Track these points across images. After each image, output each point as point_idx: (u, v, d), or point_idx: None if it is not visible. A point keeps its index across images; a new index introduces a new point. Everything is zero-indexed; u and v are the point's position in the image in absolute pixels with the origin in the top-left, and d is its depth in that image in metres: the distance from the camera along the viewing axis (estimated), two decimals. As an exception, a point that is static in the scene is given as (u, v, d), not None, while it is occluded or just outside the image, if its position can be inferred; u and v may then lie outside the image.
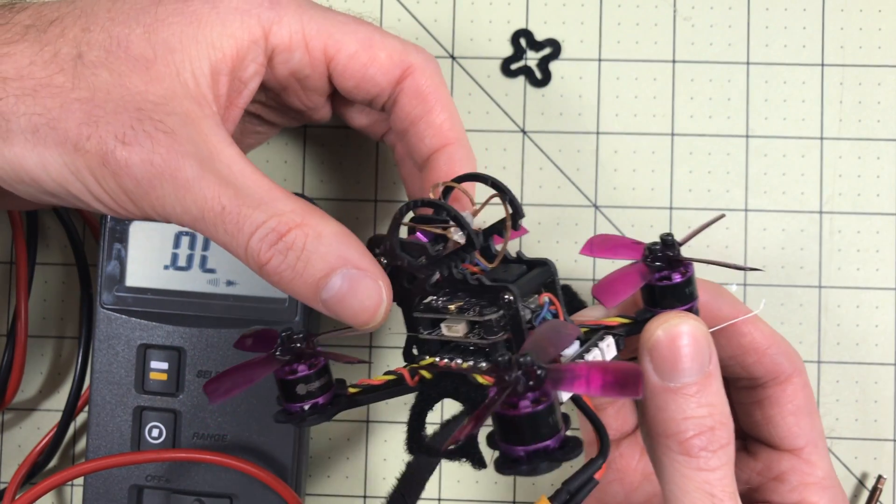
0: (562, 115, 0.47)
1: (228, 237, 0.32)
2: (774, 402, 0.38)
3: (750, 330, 0.37)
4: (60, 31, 0.34)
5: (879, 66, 0.47)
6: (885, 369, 0.46)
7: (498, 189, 0.34)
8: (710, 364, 0.32)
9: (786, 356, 0.37)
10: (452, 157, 0.38)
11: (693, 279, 0.34)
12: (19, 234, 0.45)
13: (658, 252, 0.33)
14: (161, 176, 0.32)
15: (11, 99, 0.32)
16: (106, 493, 0.41)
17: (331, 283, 0.32)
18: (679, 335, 0.32)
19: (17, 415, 0.48)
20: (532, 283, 0.33)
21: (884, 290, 0.46)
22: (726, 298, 0.37)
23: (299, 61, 0.37)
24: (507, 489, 0.47)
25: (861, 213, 0.46)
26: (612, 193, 0.47)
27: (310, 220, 0.32)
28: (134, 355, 0.41)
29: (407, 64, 0.38)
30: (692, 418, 0.32)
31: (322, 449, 0.47)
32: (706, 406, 0.32)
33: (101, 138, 0.32)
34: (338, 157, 0.47)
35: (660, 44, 0.47)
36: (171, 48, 0.34)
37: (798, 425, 0.38)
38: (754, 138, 0.47)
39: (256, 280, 0.41)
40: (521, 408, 0.27)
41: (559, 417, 0.28)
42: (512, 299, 0.30)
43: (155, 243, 0.41)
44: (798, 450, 0.38)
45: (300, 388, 0.32)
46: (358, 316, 0.32)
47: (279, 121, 0.42)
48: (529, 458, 0.27)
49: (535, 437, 0.27)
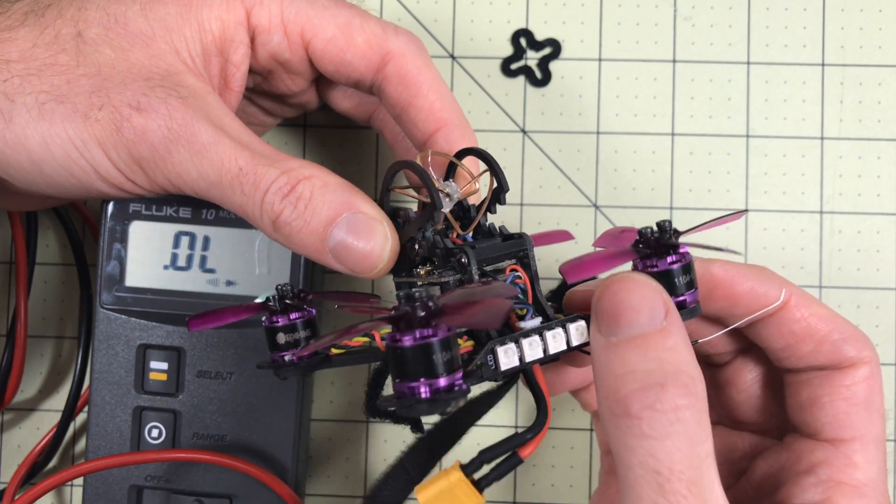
0: (562, 114, 0.47)
1: (245, 197, 0.33)
2: (827, 384, 0.33)
3: (804, 314, 0.33)
4: (58, 12, 0.34)
5: (880, 66, 0.47)
6: (886, 369, 0.46)
7: (485, 161, 0.34)
8: (663, 318, 0.28)
9: (852, 342, 0.33)
10: (448, 138, 0.38)
11: (691, 267, 0.31)
12: (19, 234, 0.45)
13: (649, 237, 0.31)
14: (178, 141, 0.33)
15: (16, 80, 0.33)
16: (106, 494, 0.41)
17: (336, 230, 0.32)
18: (622, 285, 0.29)
19: (16, 415, 0.48)
20: (498, 251, 0.32)
21: (884, 290, 0.46)
22: (774, 281, 0.33)
23: (278, 44, 0.37)
24: (508, 489, 0.47)
25: (861, 212, 0.46)
26: (612, 193, 0.47)
27: (317, 173, 0.33)
28: (133, 355, 0.41)
29: (386, 50, 0.38)
30: (634, 372, 0.27)
31: (322, 449, 0.47)
32: (654, 360, 0.27)
33: (114, 107, 0.33)
34: (337, 157, 0.47)
35: (660, 44, 0.47)
36: (168, 27, 0.35)
37: (849, 415, 0.32)
38: (755, 138, 0.47)
39: (256, 280, 0.41)
40: (403, 341, 0.27)
41: (440, 362, 0.27)
42: (466, 261, 0.31)
43: (155, 243, 0.41)
44: (840, 442, 0.32)
45: (280, 337, 0.33)
46: (364, 260, 0.32)
47: (269, 107, 0.43)
48: (405, 395, 0.27)
49: (409, 374, 0.27)
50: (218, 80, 0.37)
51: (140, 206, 0.41)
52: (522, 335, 0.30)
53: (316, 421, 0.47)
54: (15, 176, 0.34)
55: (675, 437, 0.26)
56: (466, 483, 0.29)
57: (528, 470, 0.47)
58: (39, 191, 0.35)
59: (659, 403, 0.26)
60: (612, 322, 0.28)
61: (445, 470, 0.30)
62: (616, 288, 0.29)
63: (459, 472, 0.29)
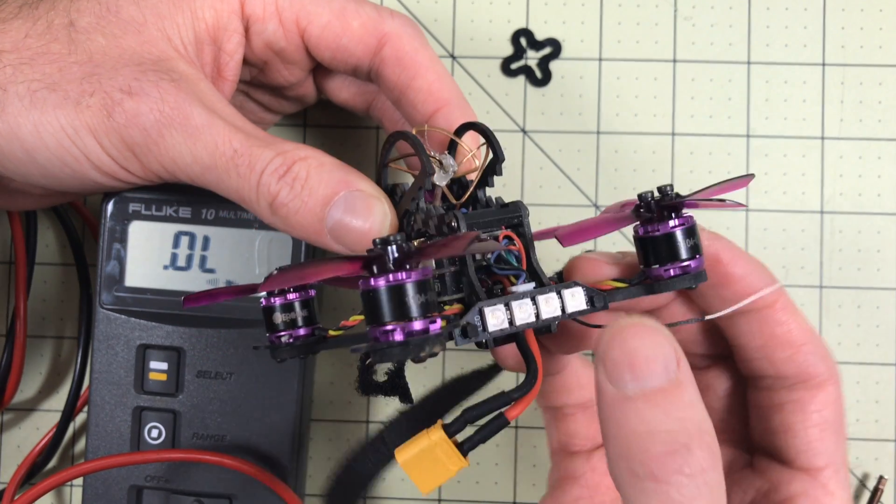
0: (562, 114, 0.47)
1: (240, 180, 0.32)
2: (799, 408, 0.32)
3: (787, 319, 0.32)
4: (51, 3, 0.34)
5: (880, 66, 0.47)
6: (886, 370, 0.46)
7: (481, 133, 0.33)
8: (677, 369, 0.27)
9: (823, 359, 0.33)
10: (448, 118, 0.38)
11: (694, 231, 0.30)
12: (18, 234, 0.45)
13: (650, 200, 0.30)
14: (171, 124, 0.32)
15: (9, 69, 0.33)
16: (105, 494, 0.41)
17: (333, 209, 0.32)
18: (633, 332, 0.27)
19: (16, 415, 0.48)
20: (490, 216, 0.31)
21: (885, 290, 0.46)
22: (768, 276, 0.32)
23: (273, 33, 0.37)
24: (508, 490, 0.47)
25: (862, 212, 0.46)
26: (612, 193, 0.47)
27: (312, 153, 0.33)
28: (133, 355, 0.41)
29: (382, 32, 0.38)
30: (659, 432, 0.26)
31: (322, 449, 0.47)
32: (676, 419, 0.26)
33: (105, 93, 0.32)
34: (337, 157, 0.47)
35: (660, 43, 0.47)
36: (160, 14, 0.35)
37: (821, 441, 0.32)
38: (755, 138, 0.47)
39: (256, 280, 0.41)
40: (376, 283, 0.26)
41: (415, 304, 0.26)
42: (455, 225, 0.30)
43: (154, 243, 0.41)
44: (816, 471, 0.32)
45: (276, 317, 0.32)
46: (364, 238, 0.32)
47: (268, 102, 0.43)
48: (378, 340, 0.26)
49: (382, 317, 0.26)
50: (211, 69, 0.36)
51: (140, 206, 0.41)
52: (513, 298, 0.29)
53: (316, 421, 0.47)
54: (9, 167, 0.34)
55: (702, 499, 0.26)
56: (448, 443, 0.28)
57: (528, 470, 0.47)
58: (34, 182, 0.35)
59: (688, 468, 0.25)
60: (624, 373, 0.26)
61: (427, 430, 0.28)
62: (627, 335, 0.27)
63: (441, 431, 0.28)
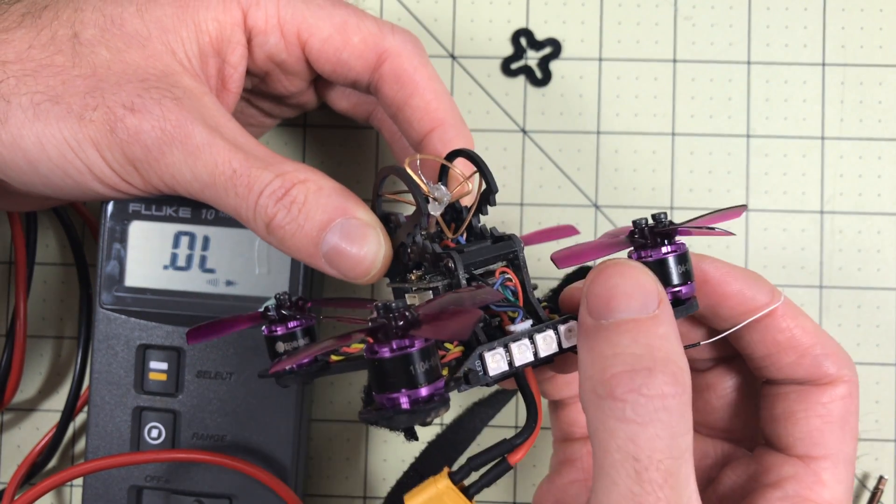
0: (562, 114, 0.47)
1: (239, 199, 0.33)
2: (803, 399, 0.32)
3: (789, 325, 0.32)
4: (54, 13, 0.34)
5: (881, 66, 0.46)
6: (886, 370, 0.46)
7: (473, 162, 0.33)
8: (656, 306, 0.28)
9: (833, 359, 0.32)
10: (443, 138, 0.38)
11: (686, 258, 0.31)
12: (18, 234, 0.45)
13: (643, 227, 0.31)
14: (172, 142, 0.33)
15: (12, 80, 0.33)
16: (105, 494, 0.41)
17: (329, 235, 0.32)
18: (616, 270, 0.28)
19: (16, 415, 0.48)
20: (486, 254, 0.32)
21: (885, 290, 0.46)
22: (763, 287, 0.32)
23: (275, 45, 0.37)
24: (508, 490, 0.46)
25: (862, 212, 0.46)
26: (612, 193, 0.47)
27: (312, 177, 0.33)
28: (133, 355, 0.41)
29: (382, 49, 0.38)
30: (622, 354, 0.27)
31: (322, 449, 0.47)
32: (644, 345, 0.27)
33: (108, 108, 0.33)
34: (337, 157, 0.47)
35: (661, 43, 0.47)
36: (165, 28, 0.35)
37: (822, 432, 0.32)
38: (755, 138, 0.47)
39: (256, 280, 0.41)
40: (381, 353, 0.26)
41: (420, 371, 0.26)
42: (453, 266, 0.30)
43: (154, 243, 0.41)
44: (811, 459, 0.32)
45: (279, 346, 0.33)
46: (357, 266, 0.32)
47: (268, 109, 0.43)
48: (386, 407, 0.27)
49: (389, 386, 0.27)
50: (215, 81, 0.37)
51: (140, 206, 0.41)
52: (512, 339, 0.30)
53: (316, 421, 0.47)
54: (12, 176, 0.34)
55: (658, 424, 0.26)
56: (455, 490, 0.29)
57: (528, 470, 0.47)
58: (36, 191, 0.35)
59: (646, 388, 0.26)
60: (602, 305, 0.28)
61: (434, 477, 0.30)
62: (610, 272, 0.28)
63: (447, 479, 0.29)
